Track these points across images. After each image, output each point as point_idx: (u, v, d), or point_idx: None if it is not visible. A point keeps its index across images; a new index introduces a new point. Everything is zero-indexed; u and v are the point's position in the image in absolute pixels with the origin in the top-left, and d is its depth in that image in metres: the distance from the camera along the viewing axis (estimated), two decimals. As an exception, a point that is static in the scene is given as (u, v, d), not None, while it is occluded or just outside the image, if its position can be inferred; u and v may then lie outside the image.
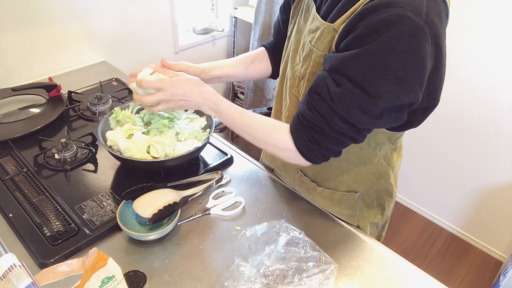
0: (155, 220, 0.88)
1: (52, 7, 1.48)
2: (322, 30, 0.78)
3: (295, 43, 0.90)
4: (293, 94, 0.91)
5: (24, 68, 1.50)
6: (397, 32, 0.63)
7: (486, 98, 1.88)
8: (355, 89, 0.69)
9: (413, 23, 0.63)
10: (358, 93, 0.69)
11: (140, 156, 0.97)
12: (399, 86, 0.67)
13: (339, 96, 0.70)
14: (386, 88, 0.67)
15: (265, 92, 2.32)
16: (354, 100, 0.70)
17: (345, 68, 0.69)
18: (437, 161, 2.20)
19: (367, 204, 0.99)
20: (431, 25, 0.64)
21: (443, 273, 2.08)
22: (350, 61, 0.68)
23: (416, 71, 0.67)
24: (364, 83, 0.68)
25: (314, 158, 0.80)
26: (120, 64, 1.77)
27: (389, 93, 0.68)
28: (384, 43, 0.64)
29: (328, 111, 0.73)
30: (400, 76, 0.66)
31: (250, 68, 1.08)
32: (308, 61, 0.83)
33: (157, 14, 1.88)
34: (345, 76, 0.69)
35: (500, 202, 2.05)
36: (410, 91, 0.68)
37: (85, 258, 0.60)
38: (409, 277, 0.86)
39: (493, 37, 1.74)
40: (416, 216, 2.41)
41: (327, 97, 0.72)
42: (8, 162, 1.07)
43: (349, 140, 0.77)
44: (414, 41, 0.64)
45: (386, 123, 0.74)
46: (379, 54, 0.65)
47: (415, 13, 0.63)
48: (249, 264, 0.82)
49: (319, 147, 0.78)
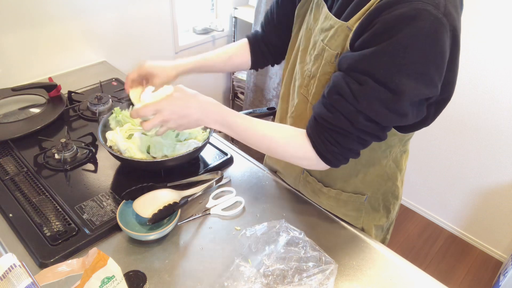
0: (155, 220, 0.88)
1: (52, 7, 1.48)
2: (336, 28, 0.77)
3: (304, 43, 0.90)
4: (302, 94, 0.91)
5: (24, 68, 1.50)
6: (417, 26, 0.63)
7: (486, 98, 1.88)
8: (377, 86, 0.68)
9: (432, 17, 0.62)
10: (382, 90, 0.68)
11: (140, 156, 0.97)
12: (420, 80, 0.67)
13: (362, 94, 0.69)
14: (408, 83, 0.66)
15: (265, 92, 2.32)
16: (378, 97, 0.68)
17: (366, 66, 0.68)
18: (437, 161, 2.20)
19: (373, 207, 0.99)
20: (449, 17, 0.64)
21: (443, 273, 2.08)
22: (370, 58, 0.67)
23: (436, 64, 0.67)
24: (386, 79, 0.67)
25: (335, 161, 0.79)
26: (120, 64, 1.76)
27: (411, 89, 0.67)
28: (404, 39, 0.64)
29: (351, 111, 0.71)
30: (421, 70, 0.66)
31: (227, 64, 1.07)
32: (320, 60, 0.82)
33: (157, 14, 1.88)
34: (366, 74, 0.68)
35: (500, 202, 2.05)
36: (431, 84, 0.68)
37: (85, 258, 0.60)
38: (409, 277, 0.86)
39: (493, 37, 1.74)
40: (416, 216, 2.41)
41: (349, 96, 0.70)
42: (8, 162, 1.07)
43: (372, 139, 0.76)
44: (434, 34, 0.64)
45: (410, 119, 0.73)
46: (400, 49, 0.64)
47: (434, 6, 0.62)
48: (249, 264, 0.82)
49: (341, 149, 0.76)
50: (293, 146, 0.81)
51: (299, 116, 0.94)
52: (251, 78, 2.34)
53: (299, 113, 0.94)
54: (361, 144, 0.77)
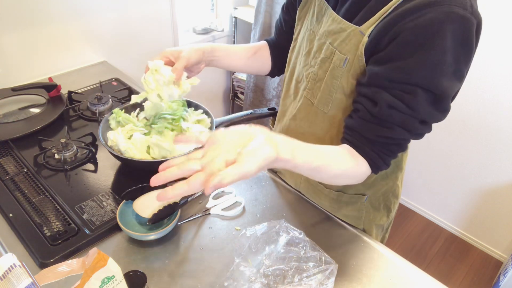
0: (155, 220, 0.88)
1: (52, 7, 1.48)
2: (348, 32, 0.76)
3: (307, 45, 0.89)
4: (306, 97, 0.90)
5: (24, 68, 1.50)
6: (449, 30, 0.64)
7: (486, 98, 1.88)
8: (425, 92, 0.69)
9: (463, 19, 0.64)
10: (430, 94, 0.69)
11: (140, 156, 0.97)
12: (456, 77, 0.69)
13: (415, 103, 0.70)
14: (448, 82, 0.69)
15: (265, 92, 2.32)
16: (429, 101, 0.70)
17: (410, 77, 0.69)
18: (437, 161, 2.20)
19: (374, 207, 0.99)
20: (476, 15, 0.65)
21: (443, 273, 2.08)
22: (412, 69, 0.68)
23: (466, 61, 0.69)
24: (430, 85, 0.68)
25: (386, 168, 0.80)
26: (120, 64, 1.76)
27: (451, 86, 0.69)
28: (440, 45, 0.65)
29: (409, 121, 0.72)
30: (454, 69, 0.68)
31: (251, 58, 1.06)
32: (327, 63, 0.82)
33: (157, 14, 1.88)
34: (412, 84, 0.69)
35: (500, 202, 2.05)
36: (462, 78, 0.71)
37: (85, 258, 0.60)
38: (409, 277, 0.86)
39: (493, 37, 1.74)
40: (416, 216, 2.41)
41: (403, 108, 0.70)
42: (8, 162, 1.07)
43: (419, 138, 0.77)
44: (466, 35, 0.65)
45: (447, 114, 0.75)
46: (438, 56, 0.66)
47: (462, 7, 0.63)
48: (249, 264, 0.82)
49: (394, 157, 0.79)
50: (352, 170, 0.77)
51: (303, 119, 0.93)
52: (251, 78, 2.34)
53: (303, 116, 0.93)
54: (406, 146, 0.79)
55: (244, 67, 1.08)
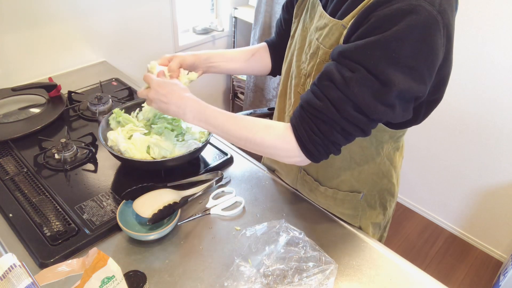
0: (155, 220, 0.88)
1: (52, 7, 1.48)
2: (330, 27, 0.77)
3: (300, 42, 0.90)
4: (298, 93, 0.91)
5: (24, 68, 1.50)
6: (410, 20, 0.64)
7: (486, 98, 1.88)
8: (369, 75, 0.68)
9: (427, 13, 0.63)
10: (372, 80, 0.68)
11: (140, 156, 0.97)
12: (410, 75, 0.67)
13: (354, 81, 0.69)
14: (398, 75, 0.67)
15: (265, 92, 2.32)
16: (369, 86, 0.68)
17: (359, 56, 0.68)
18: (437, 161, 2.20)
19: (369, 205, 0.99)
20: (444, 15, 0.65)
21: (443, 273, 2.08)
22: (364, 48, 0.68)
23: (427, 62, 0.67)
24: (377, 70, 0.67)
25: (316, 154, 0.77)
26: (120, 64, 1.77)
27: (400, 81, 0.67)
28: (398, 32, 0.64)
29: (341, 98, 0.70)
30: (411, 64, 0.66)
31: (250, 61, 1.07)
32: (314, 58, 0.83)
33: (157, 14, 1.88)
34: (358, 63, 0.69)
35: (500, 202, 2.05)
36: (420, 81, 0.68)
37: (85, 258, 0.60)
38: (409, 277, 0.86)
39: (493, 37, 1.74)
40: (416, 216, 2.41)
41: (340, 83, 0.70)
42: (8, 162, 1.07)
43: (357, 132, 0.74)
44: (427, 30, 0.64)
45: (398, 115, 0.72)
46: (392, 42, 0.65)
47: (429, 3, 0.63)
48: (249, 264, 0.82)
49: (323, 140, 0.75)
50: (273, 136, 0.79)
51: None
52: (251, 78, 2.34)
53: None
54: (344, 138, 0.75)
55: (243, 69, 1.08)
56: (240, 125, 0.81)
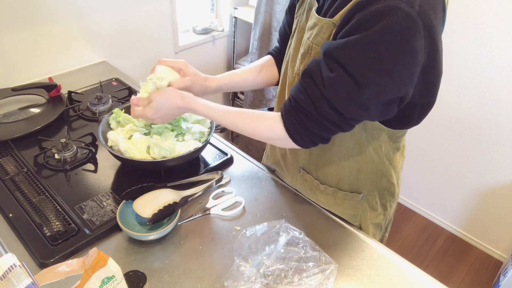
0: (155, 220, 0.88)
1: (52, 7, 1.48)
2: (320, 26, 0.78)
3: (295, 42, 0.91)
4: None
5: (24, 68, 1.50)
6: (388, 22, 0.64)
7: (486, 98, 1.88)
8: (346, 76, 0.69)
9: (404, 14, 0.63)
10: (349, 81, 0.69)
11: (140, 156, 0.97)
12: (388, 77, 0.67)
13: (331, 81, 0.71)
14: (374, 78, 0.68)
15: (265, 92, 2.32)
16: (345, 86, 0.70)
17: (338, 55, 0.70)
18: (437, 161, 2.20)
19: (370, 205, 0.99)
20: (424, 16, 0.64)
21: (443, 273, 2.08)
22: (343, 48, 0.69)
23: (406, 63, 0.67)
24: (354, 71, 0.68)
25: (302, 142, 0.82)
26: (120, 64, 1.77)
27: (377, 84, 0.68)
28: (375, 33, 0.65)
29: (318, 95, 0.74)
30: (389, 67, 0.67)
31: (258, 78, 1.08)
32: (307, 58, 0.84)
33: (157, 14, 1.88)
34: (337, 63, 0.70)
35: (500, 202, 2.05)
36: (399, 83, 0.68)
37: (85, 258, 0.60)
38: (409, 277, 0.86)
39: (493, 36, 1.74)
40: (416, 216, 2.41)
41: (319, 81, 0.73)
42: (8, 162, 1.07)
43: (335, 128, 0.77)
44: (405, 32, 0.64)
45: (373, 115, 0.74)
46: (370, 43, 0.66)
47: (407, 4, 0.63)
48: (249, 264, 0.82)
49: (306, 131, 0.79)
50: (265, 121, 0.85)
51: None
52: (251, 78, 2.34)
53: None
54: (325, 131, 0.79)
55: (251, 86, 1.10)
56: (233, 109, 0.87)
